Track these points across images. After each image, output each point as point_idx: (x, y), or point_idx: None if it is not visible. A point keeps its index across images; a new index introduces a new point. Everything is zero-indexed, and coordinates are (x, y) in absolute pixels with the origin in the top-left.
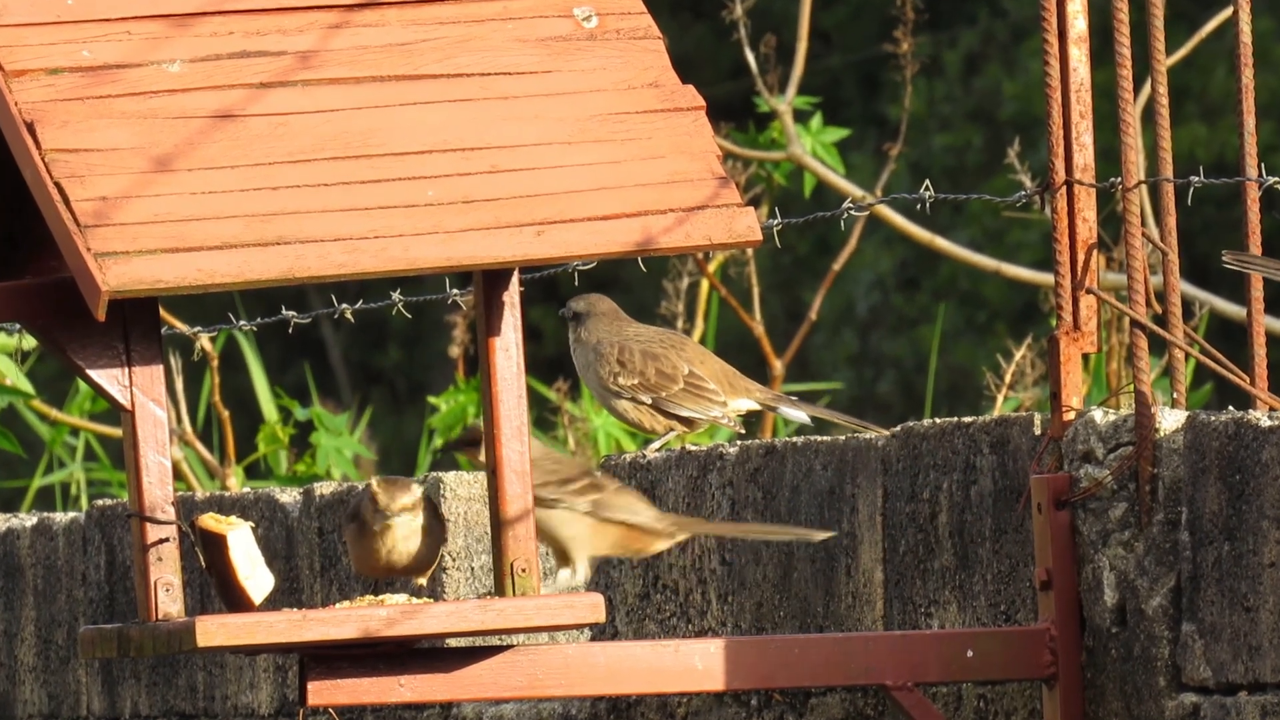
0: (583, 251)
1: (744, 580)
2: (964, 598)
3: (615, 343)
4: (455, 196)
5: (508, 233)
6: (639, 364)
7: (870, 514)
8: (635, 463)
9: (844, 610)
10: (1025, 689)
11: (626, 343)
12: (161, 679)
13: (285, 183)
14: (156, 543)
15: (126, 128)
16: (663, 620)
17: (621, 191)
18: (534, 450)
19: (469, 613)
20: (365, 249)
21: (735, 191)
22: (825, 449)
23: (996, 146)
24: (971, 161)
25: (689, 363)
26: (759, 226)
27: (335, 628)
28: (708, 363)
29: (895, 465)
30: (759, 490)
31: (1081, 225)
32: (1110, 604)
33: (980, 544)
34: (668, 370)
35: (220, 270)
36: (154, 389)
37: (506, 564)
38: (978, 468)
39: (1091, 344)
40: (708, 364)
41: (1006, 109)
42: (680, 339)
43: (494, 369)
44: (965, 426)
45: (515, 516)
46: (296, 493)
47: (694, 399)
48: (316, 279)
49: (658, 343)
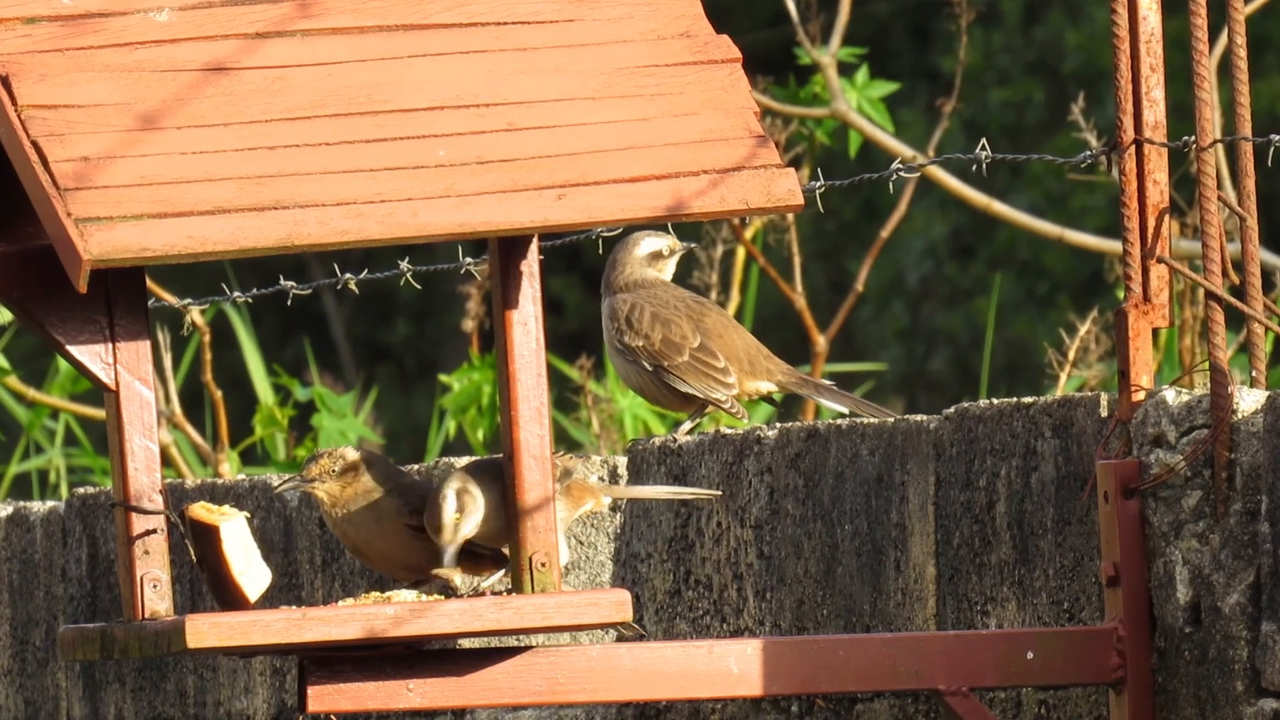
0: (608, 217)
1: (783, 575)
2: (1024, 595)
3: (629, 299)
4: (469, 157)
5: (526, 196)
6: (646, 326)
7: (922, 503)
8: (665, 447)
9: (893, 608)
10: (1090, 694)
11: (640, 301)
12: (148, 683)
13: (283, 142)
14: (143, 534)
15: (110, 82)
16: (695, 619)
17: (650, 151)
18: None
19: (484, 611)
20: (370, 214)
21: (774, 151)
22: (873, 432)
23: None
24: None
25: (704, 334)
26: (800, 189)
27: (337, 627)
28: (729, 337)
29: (949, 450)
30: (800, 477)
31: (1152, 188)
32: (1183, 601)
33: (1041, 536)
34: (675, 339)
35: (212, 237)
36: (140, 367)
37: (525, 557)
38: (1038, 453)
39: (1163, 317)
40: (728, 338)
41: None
42: (704, 307)
43: (511, 345)
44: (1025, 408)
45: (534, 506)
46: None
47: (697, 375)
48: (317, 247)
49: (674, 307)
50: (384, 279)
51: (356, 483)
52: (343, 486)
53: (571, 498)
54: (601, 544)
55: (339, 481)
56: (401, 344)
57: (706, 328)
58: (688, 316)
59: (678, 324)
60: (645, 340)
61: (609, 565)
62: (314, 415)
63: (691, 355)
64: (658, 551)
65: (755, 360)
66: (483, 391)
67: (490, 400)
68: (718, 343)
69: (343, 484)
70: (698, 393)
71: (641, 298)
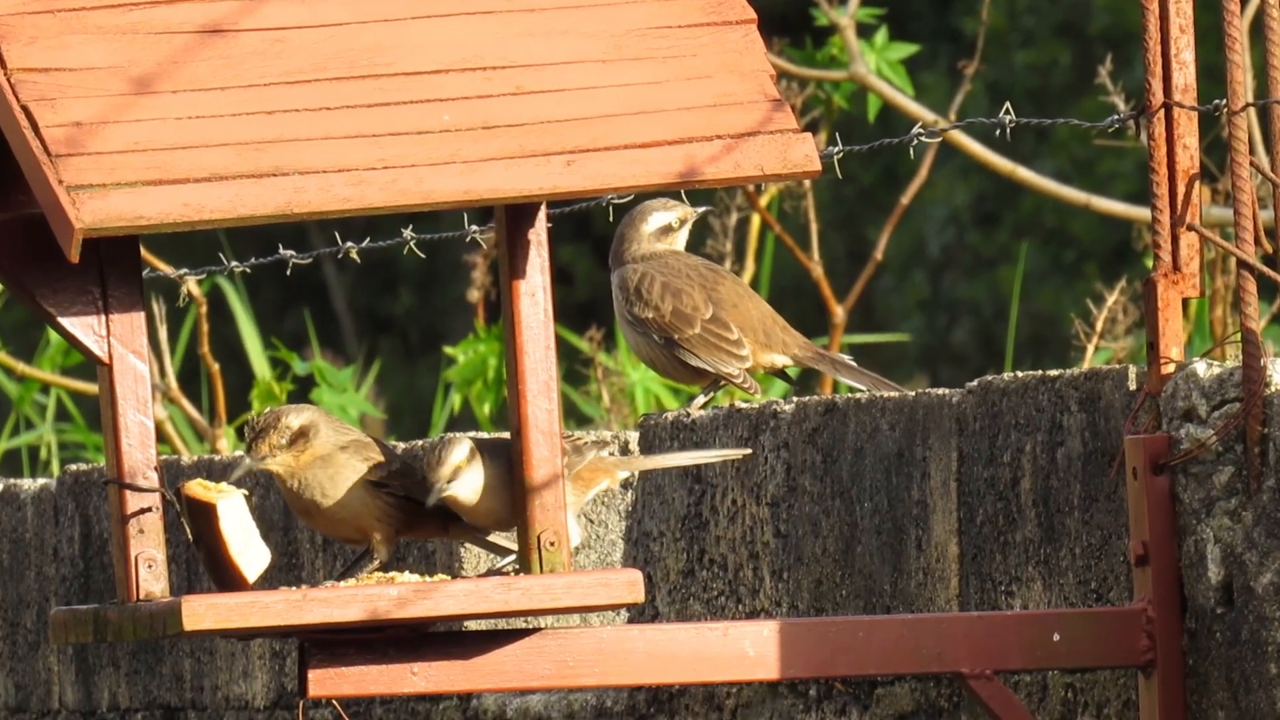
0: (618, 183)
1: (801, 554)
2: (1049, 574)
3: (639, 268)
4: (475, 122)
5: (534, 162)
6: (656, 297)
7: (944, 480)
8: (678, 422)
9: (914, 589)
10: (1119, 677)
11: (651, 270)
12: (143, 667)
13: (282, 106)
14: (137, 513)
15: (103, 44)
16: (709, 600)
17: (662, 116)
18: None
19: (490, 592)
20: (373, 181)
21: (790, 116)
22: (893, 406)
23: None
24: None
25: (717, 305)
26: (817, 155)
27: (339, 609)
28: (744, 306)
29: (972, 425)
30: (817, 453)
31: (1182, 153)
32: (1215, 581)
33: (1068, 514)
34: (686, 310)
35: (209, 205)
36: (134, 339)
37: (533, 536)
38: (1065, 427)
39: (1193, 287)
40: (743, 308)
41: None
42: (718, 276)
43: (518, 316)
44: (1051, 381)
45: (542, 483)
46: None
47: (708, 349)
48: (318, 215)
49: (687, 275)
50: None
51: (310, 446)
52: (296, 455)
53: (583, 480)
54: (613, 522)
55: (290, 452)
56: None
57: (720, 298)
58: (700, 286)
59: (689, 294)
60: (655, 312)
61: (620, 544)
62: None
63: (703, 327)
64: (670, 530)
65: (771, 332)
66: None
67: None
68: (732, 313)
69: (295, 453)
70: (709, 366)
71: (652, 267)
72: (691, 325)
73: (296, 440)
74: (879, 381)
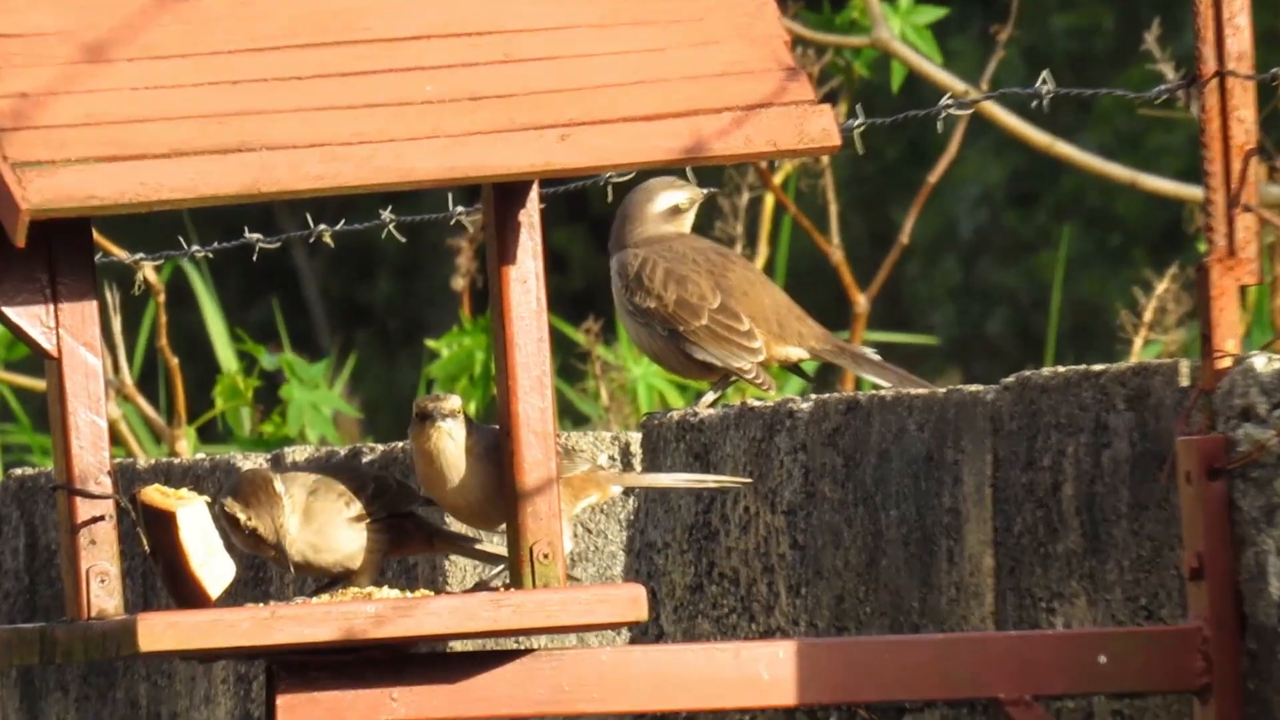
0: (618, 159)
1: (820, 568)
2: (1095, 589)
3: (640, 253)
4: (460, 93)
5: (525, 137)
6: (659, 284)
7: (978, 485)
8: (684, 422)
9: (945, 605)
10: (1172, 703)
11: (653, 255)
12: (94, 692)
13: (249, 76)
14: (89, 522)
15: (52, 7)
16: (719, 618)
17: (665, 86)
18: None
19: (477, 609)
20: (348, 157)
21: (807, 86)
22: (921, 404)
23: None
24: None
25: (726, 293)
26: (836, 128)
27: (311, 628)
28: (755, 294)
29: (1008, 424)
30: (838, 456)
31: (1236, 126)
32: (1276, 597)
33: (1114, 522)
34: (692, 299)
35: (168, 183)
36: (86, 331)
37: (525, 548)
38: (1111, 428)
39: (1251, 273)
40: (755, 296)
41: None
42: (727, 261)
43: (508, 305)
44: (1095, 377)
45: (535, 488)
46: (263, 459)
47: (717, 341)
48: (288, 194)
49: (693, 260)
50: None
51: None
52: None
53: (572, 489)
54: (613, 532)
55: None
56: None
57: (729, 285)
58: (708, 272)
59: (695, 281)
60: (658, 301)
61: (621, 556)
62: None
63: (711, 317)
64: (677, 540)
65: (785, 322)
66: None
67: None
68: (742, 302)
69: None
70: (717, 361)
71: (655, 251)
72: (698, 316)
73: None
74: (905, 378)
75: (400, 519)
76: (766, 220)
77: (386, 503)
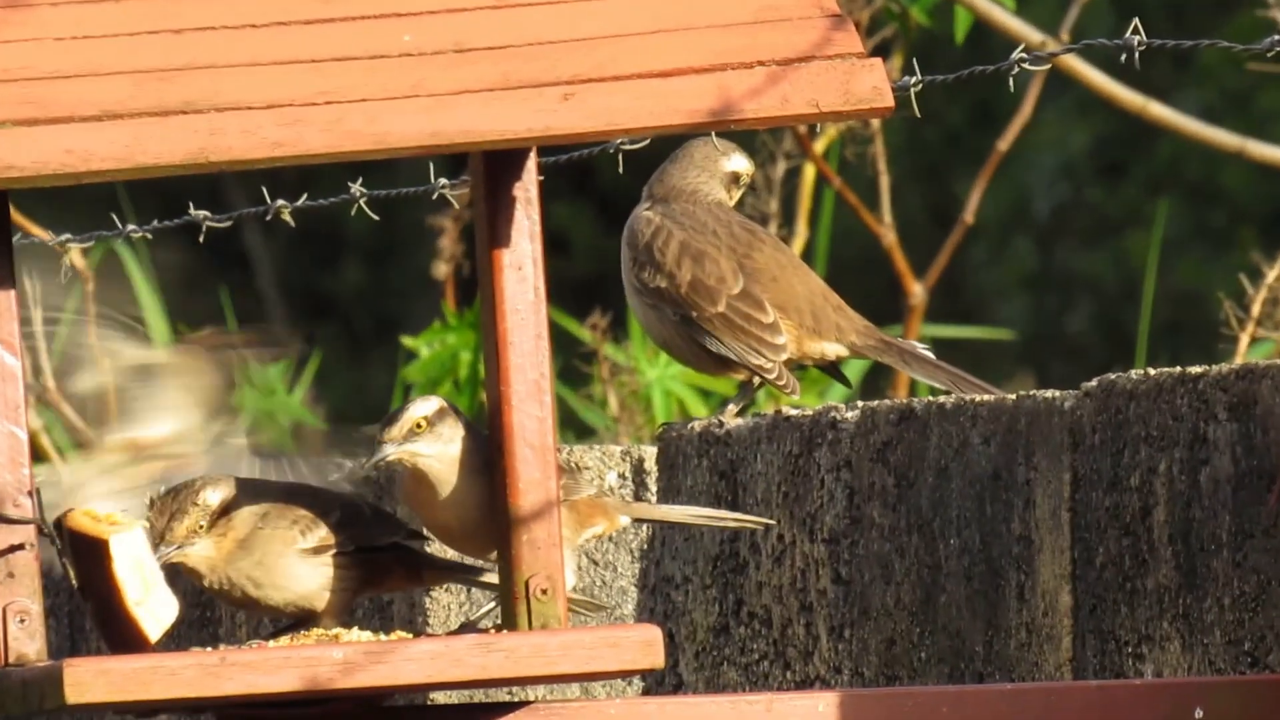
0: (630, 124)
1: (867, 606)
2: (1190, 632)
3: (656, 216)
4: (444, 43)
5: (520, 96)
6: (671, 260)
7: (1053, 509)
8: (707, 435)
9: (1014, 650)
10: None
11: (669, 223)
12: None
13: (195, 24)
14: (6, 551)
15: None
16: (748, 665)
17: (687, 36)
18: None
19: (464, 654)
20: (312, 120)
21: (854, 36)
22: (987, 413)
23: None
24: None
25: (751, 276)
26: (889, 87)
27: (268, 676)
28: (785, 280)
29: (1090, 438)
30: (889, 474)
31: None
32: None
33: (1214, 553)
34: (708, 281)
35: (99, 151)
36: (2, 326)
37: (520, 582)
38: (1211, 441)
39: None
40: (785, 282)
41: None
42: (755, 239)
43: (501, 296)
44: (1192, 380)
45: (532, 512)
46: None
47: (734, 333)
48: (241, 164)
49: (713, 233)
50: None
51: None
52: (218, 541)
53: (576, 514)
54: (623, 564)
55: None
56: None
57: (755, 268)
58: (730, 249)
59: (714, 260)
60: (669, 280)
61: (633, 592)
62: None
63: (729, 304)
64: (699, 574)
65: (821, 313)
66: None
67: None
68: (770, 289)
69: (217, 537)
70: (734, 357)
71: (673, 215)
72: (714, 301)
73: (218, 521)
74: (964, 380)
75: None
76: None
77: (357, 534)
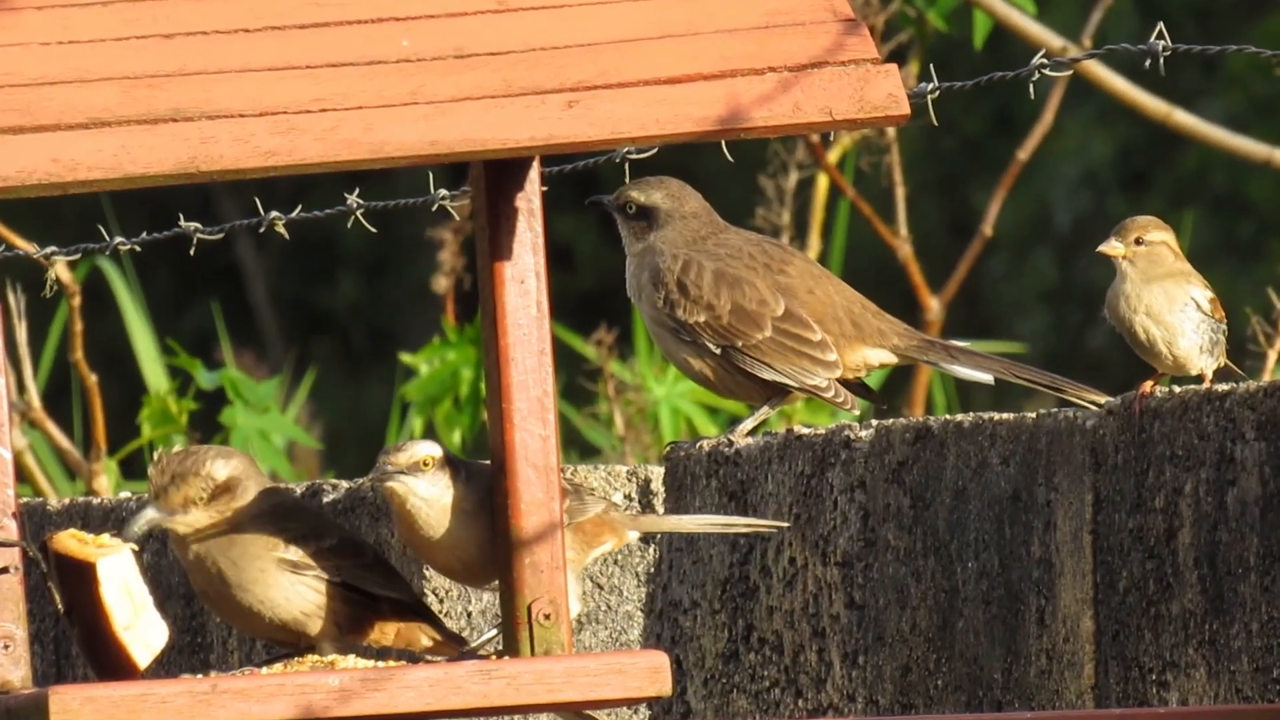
0: (636, 132)
1: (882, 632)
2: (1217, 658)
3: (681, 255)
4: (443, 49)
5: (523, 104)
6: (708, 291)
7: (1075, 531)
8: (717, 454)
9: (1034, 677)
10: None
11: (696, 257)
12: None
13: (185, 28)
14: None
15: None
16: (758, 692)
17: (696, 41)
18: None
19: (464, 681)
20: (306, 128)
21: (869, 41)
22: (1006, 432)
23: None
24: None
25: (788, 294)
26: (905, 94)
27: (261, 704)
28: (822, 292)
29: (1113, 457)
30: (905, 495)
31: None
32: None
33: (1241, 577)
34: (750, 306)
35: (86, 161)
36: None
37: (521, 607)
38: (1238, 461)
39: None
40: (822, 294)
41: None
42: (784, 254)
43: (503, 311)
44: (1219, 399)
45: (534, 535)
46: None
47: (785, 356)
48: (232, 174)
49: (745, 260)
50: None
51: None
52: (215, 518)
53: (582, 535)
54: (629, 588)
55: (209, 511)
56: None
57: (790, 285)
58: (764, 268)
59: (751, 284)
60: (709, 312)
61: (639, 618)
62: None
63: (776, 328)
64: (707, 599)
65: (861, 321)
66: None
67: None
68: (808, 303)
69: (215, 514)
70: (788, 380)
71: (696, 248)
72: (760, 327)
73: (219, 496)
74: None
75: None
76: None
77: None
